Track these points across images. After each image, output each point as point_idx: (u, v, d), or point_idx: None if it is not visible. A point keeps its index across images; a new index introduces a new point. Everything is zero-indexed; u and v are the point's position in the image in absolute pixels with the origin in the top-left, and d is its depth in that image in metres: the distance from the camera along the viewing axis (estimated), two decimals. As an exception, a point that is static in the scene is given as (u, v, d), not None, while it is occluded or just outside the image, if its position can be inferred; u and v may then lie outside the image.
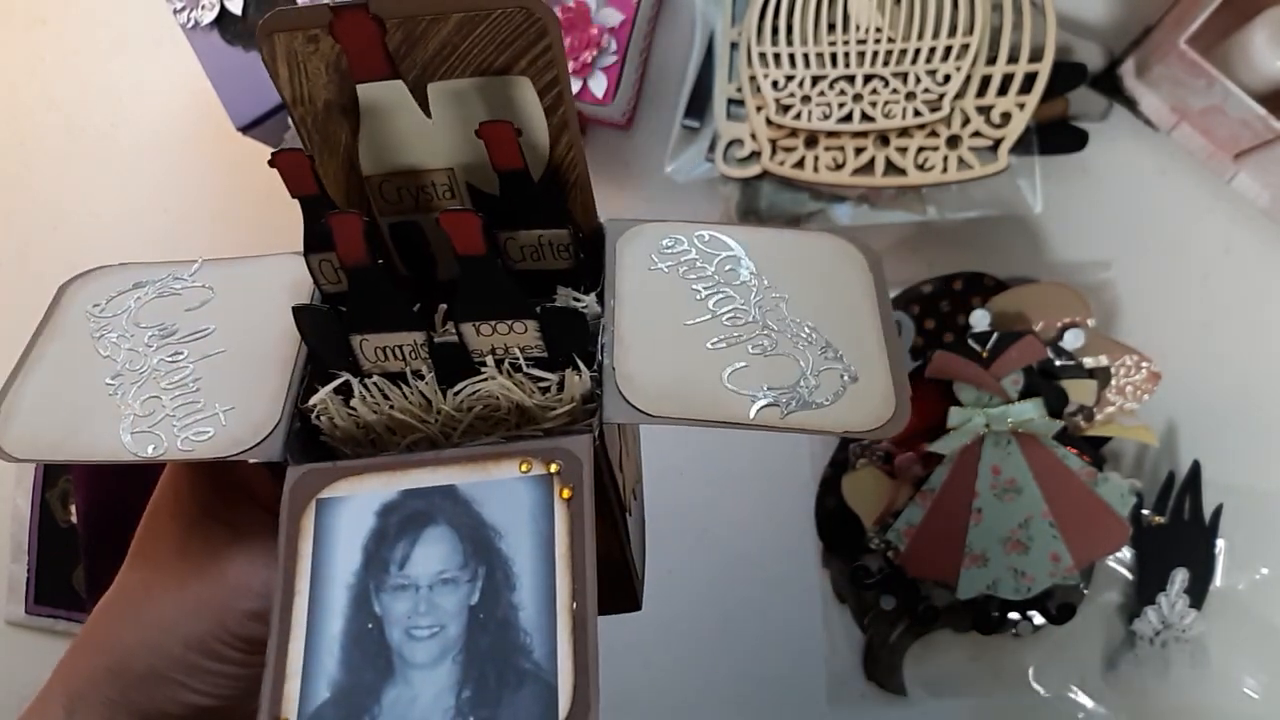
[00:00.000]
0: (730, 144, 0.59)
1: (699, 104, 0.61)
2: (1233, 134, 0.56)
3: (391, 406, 0.31)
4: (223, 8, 0.61)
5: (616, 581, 0.39)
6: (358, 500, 0.28)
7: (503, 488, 0.28)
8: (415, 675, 0.26)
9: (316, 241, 0.32)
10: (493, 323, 0.31)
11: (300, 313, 0.31)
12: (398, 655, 0.26)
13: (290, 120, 0.32)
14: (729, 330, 0.32)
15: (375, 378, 0.32)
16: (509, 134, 0.30)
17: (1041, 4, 0.54)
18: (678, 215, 0.67)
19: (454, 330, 0.31)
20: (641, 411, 0.29)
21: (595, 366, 0.31)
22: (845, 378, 0.30)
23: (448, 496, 0.28)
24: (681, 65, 0.62)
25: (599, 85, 0.59)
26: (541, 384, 0.31)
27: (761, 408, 0.29)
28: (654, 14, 0.64)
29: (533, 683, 0.25)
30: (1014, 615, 0.59)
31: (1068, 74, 0.57)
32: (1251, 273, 0.60)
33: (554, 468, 0.28)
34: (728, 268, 0.34)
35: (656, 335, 0.32)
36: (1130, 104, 0.59)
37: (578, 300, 0.33)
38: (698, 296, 0.33)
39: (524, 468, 0.28)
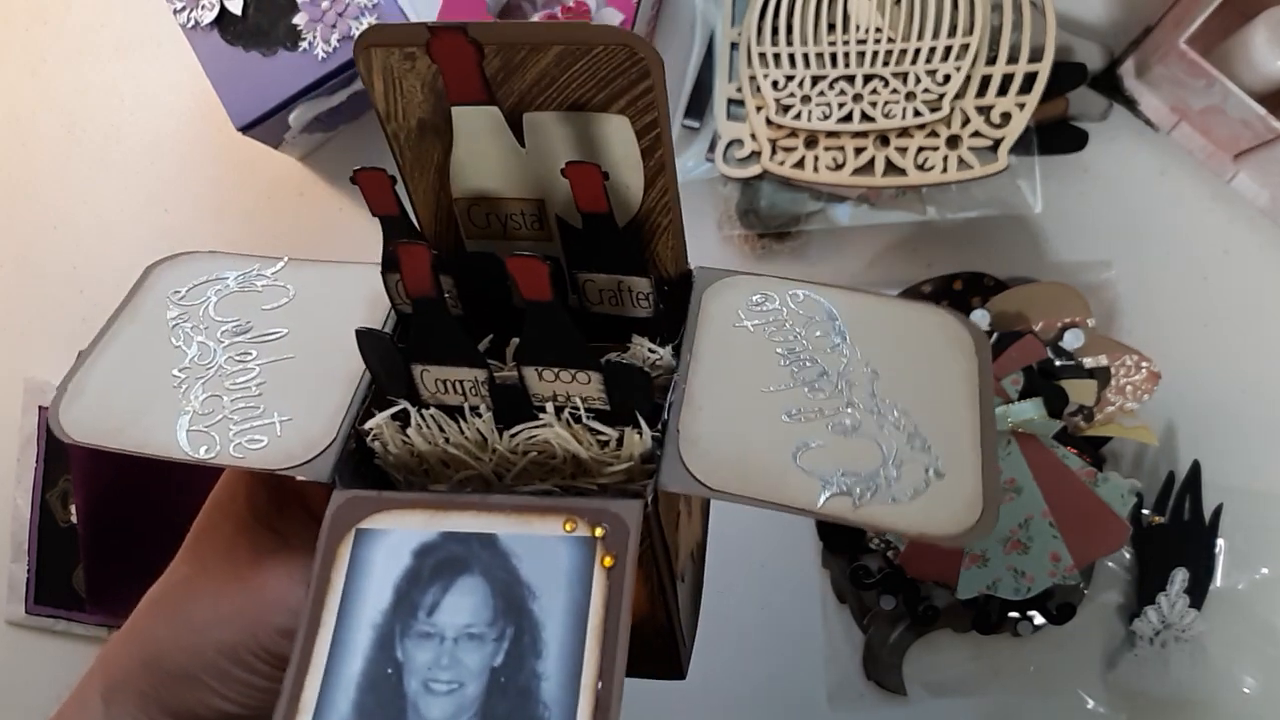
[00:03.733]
0: (730, 144, 0.59)
1: (699, 104, 0.61)
2: (1233, 134, 0.56)
3: (447, 440, 0.31)
4: (223, 8, 0.61)
5: (659, 649, 0.37)
6: (397, 536, 0.28)
7: (543, 545, 0.27)
8: None
9: (394, 262, 0.31)
10: (556, 369, 0.30)
11: (363, 336, 0.31)
12: (412, 707, 0.25)
13: (384, 134, 0.32)
14: (809, 402, 0.30)
15: (432, 410, 0.31)
16: (595, 176, 0.29)
17: (1041, 4, 0.54)
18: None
19: (517, 371, 0.30)
20: (701, 483, 0.28)
21: (660, 425, 0.30)
22: (930, 472, 0.28)
23: (487, 546, 0.27)
24: (681, 65, 0.62)
25: (599, 85, 0.59)
26: (600, 438, 0.30)
27: (831, 496, 0.27)
28: (654, 14, 0.64)
29: None
30: (1014, 615, 0.59)
31: (1067, 74, 0.57)
32: (1251, 272, 0.60)
33: (599, 531, 0.27)
34: (818, 333, 0.32)
35: (730, 399, 0.30)
36: (1130, 104, 0.59)
37: (653, 352, 0.32)
38: (781, 362, 0.31)
39: (568, 526, 0.27)
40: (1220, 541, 0.59)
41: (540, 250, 0.33)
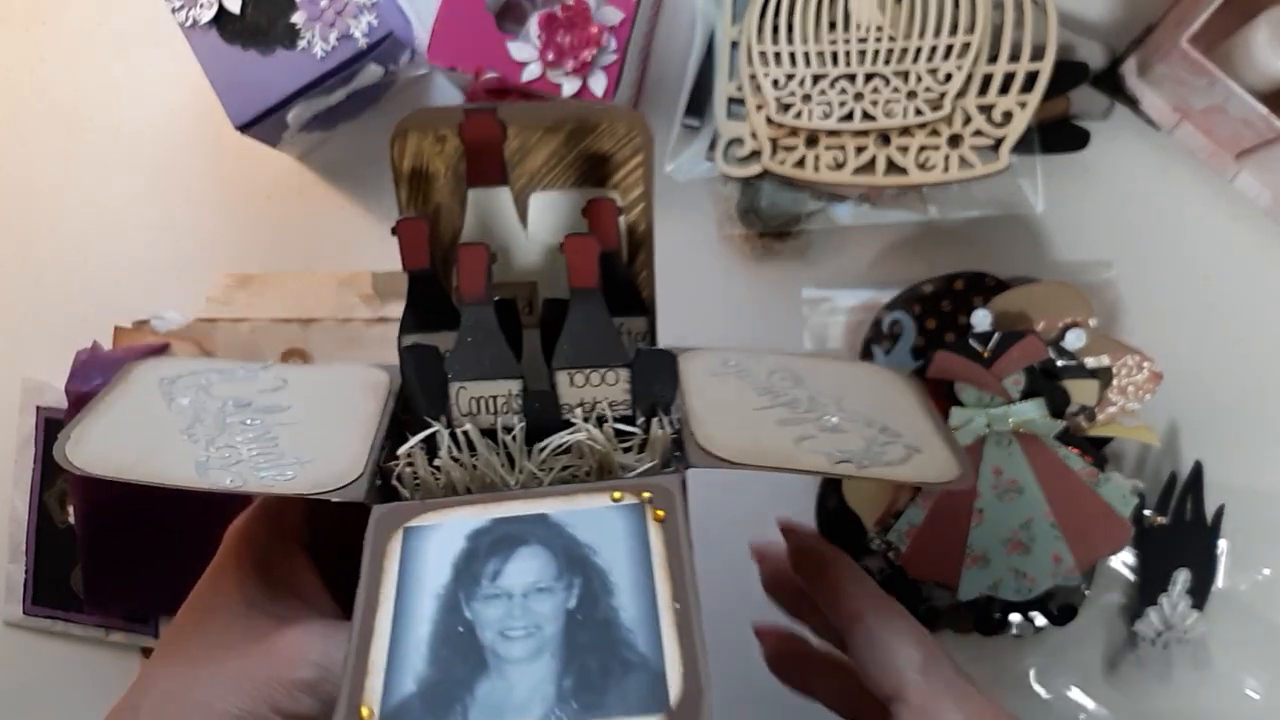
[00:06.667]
0: (730, 143, 0.58)
1: (699, 103, 0.61)
2: (1235, 133, 0.55)
3: (475, 464, 0.31)
4: (221, 7, 0.60)
5: None
6: (447, 527, 0.28)
7: (595, 515, 0.28)
8: (511, 670, 0.25)
9: (415, 321, 0.33)
10: (586, 371, 0.31)
11: (408, 352, 0.32)
12: (491, 652, 0.25)
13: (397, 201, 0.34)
14: (794, 413, 0.33)
15: (467, 427, 0.32)
16: (611, 210, 0.32)
17: (1043, 2, 0.54)
18: (678, 215, 0.67)
19: (549, 378, 0.32)
20: (725, 460, 0.30)
21: (674, 429, 0.32)
22: (908, 449, 0.32)
23: (539, 522, 0.27)
24: (681, 64, 0.62)
25: (599, 84, 0.59)
26: (625, 443, 0.32)
27: (837, 463, 0.30)
28: (654, 13, 0.64)
29: (640, 670, 0.24)
30: (1015, 616, 0.59)
31: (1069, 73, 0.57)
32: (1253, 272, 0.59)
33: (646, 495, 0.28)
34: (785, 381, 0.35)
35: (728, 413, 0.33)
36: (1132, 103, 0.59)
37: None
38: (760, 393, 0.34)
39: (615, 496, 0.28)
40: (1222, 542, 0.59)
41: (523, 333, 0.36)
